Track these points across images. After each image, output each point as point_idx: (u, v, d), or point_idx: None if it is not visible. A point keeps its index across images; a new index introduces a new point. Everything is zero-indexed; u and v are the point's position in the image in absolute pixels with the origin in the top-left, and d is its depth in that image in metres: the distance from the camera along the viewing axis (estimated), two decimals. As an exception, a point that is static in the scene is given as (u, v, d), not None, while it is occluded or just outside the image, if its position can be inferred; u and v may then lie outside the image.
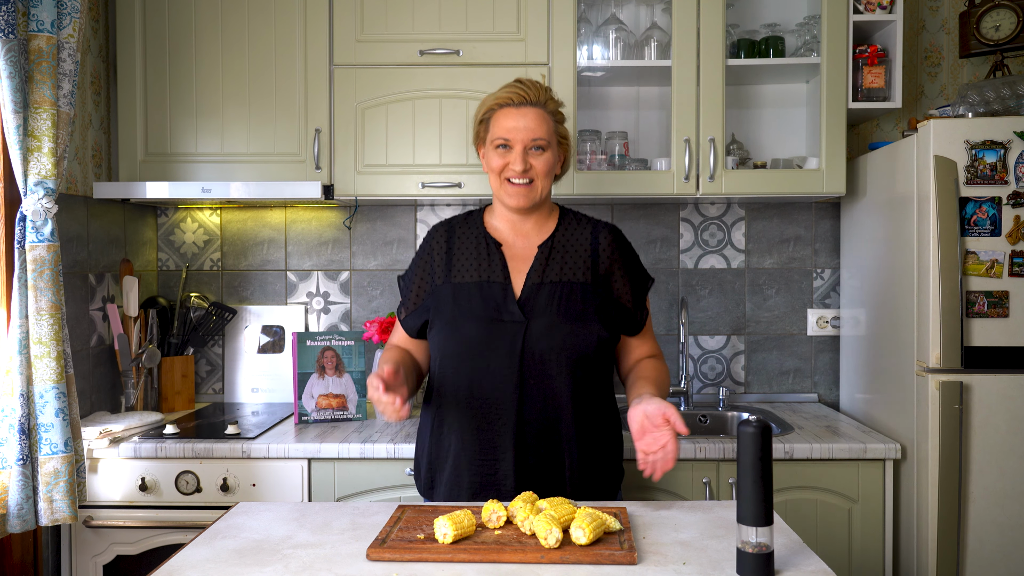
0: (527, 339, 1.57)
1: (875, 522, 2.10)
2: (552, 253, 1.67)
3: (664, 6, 2.53)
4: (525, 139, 1.62)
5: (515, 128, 1.62)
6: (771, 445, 1.16)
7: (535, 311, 1.60)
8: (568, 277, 1.64)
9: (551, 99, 1.68)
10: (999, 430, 1.99)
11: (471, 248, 1.70)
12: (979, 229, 2.00)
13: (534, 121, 1.63)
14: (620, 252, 1.70)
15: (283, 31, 2.39)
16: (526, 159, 1.62)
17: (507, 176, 1.64)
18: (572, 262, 1.66)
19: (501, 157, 1.64)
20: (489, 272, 1.65)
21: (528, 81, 1.68)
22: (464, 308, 1.62)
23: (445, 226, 1.76)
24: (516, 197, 1.64)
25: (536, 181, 1.64)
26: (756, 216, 2.71)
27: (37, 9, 1.89)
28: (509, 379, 1.57)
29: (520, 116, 1.63)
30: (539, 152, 1.64)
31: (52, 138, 1.91)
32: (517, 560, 1.20)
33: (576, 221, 1.73)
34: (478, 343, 1.59)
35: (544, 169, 1.64)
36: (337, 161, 2.38)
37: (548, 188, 1.67)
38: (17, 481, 1.87)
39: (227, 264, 2.75)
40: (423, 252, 1.76)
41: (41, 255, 1.90)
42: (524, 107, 1.64)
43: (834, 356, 2.71)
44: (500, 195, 1.67)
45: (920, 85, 2.67)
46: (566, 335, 1.58)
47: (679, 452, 1.42)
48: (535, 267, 1.65)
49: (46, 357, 1.90)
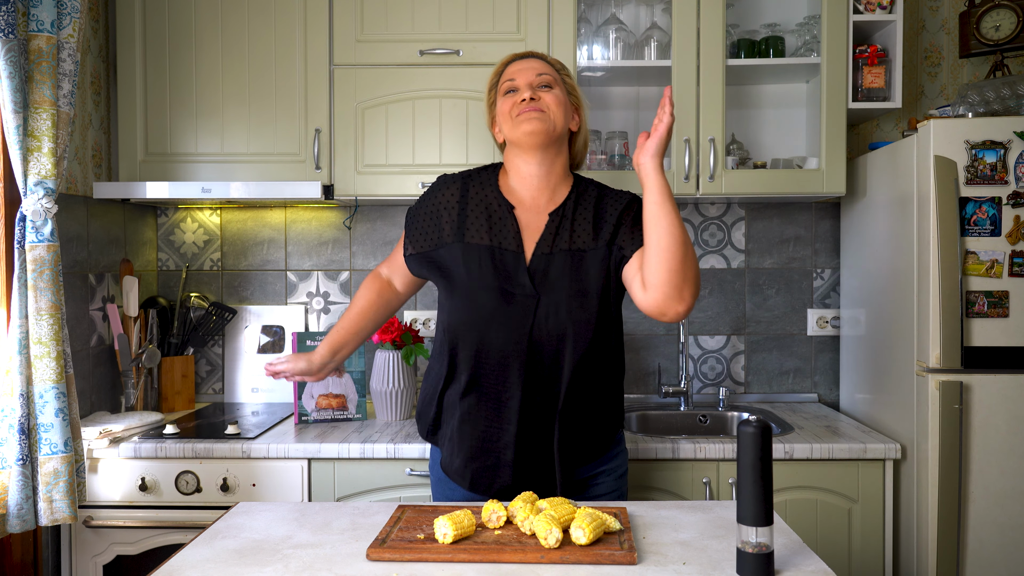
0: (537, 314, 1.58)
1: (875, 522, 2.10)
2: (562, 222, 1.63)
3: (664, 6, 2.53)
4: (530, 76, 1.64)
5: (519, 70, 1.66)
6: (771, 445, 1.16)
7: (545, 285, 1.59)
8: (578, 245, 1.61)
9: (553, 58, 1.74)
10: (999, 430, 1.99)
11: (483, 208, 1.66)
12: (979, 229, 2.00)
13: (538, 63, 1.68)
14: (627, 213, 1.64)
15: (283, 31, 2.39)
16: (535, 92, 1.63)
17: (518, 111, 1.61)
18: (580, 229, 1.63)
19: (510, 99, 1.65)
20: (501, 237, 1.62)
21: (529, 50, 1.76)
22: (475, 276, 1.60)
23: (459, 180, 1.71)
24: (528, 121, 1.59)
25: (548, 112, 1.61)
26: (756, 216, 2.71)
27: (37, 9, 1.89)
28: (517, 353, 1.57)
29: (522, 62, 1.68)
30: (547, 89, 1.64)
31: (52, 138, 1.91)
32: (517, 560, 1.20)
33: (589, 189, 1.69)
34: (489, 314, 1.58)
35: (555, 101, 1.62)
36: (337, 161, 2.38)
37: (563, 124, 1.63)
38: (17, 481, 1.87)
39: (227, 264, 2.75)
40: (432, 199, 1.70)
41: (41, 255, 1.90)
42: (526, 59, 1.70)
43: (834, 356, 2.71)
44: (514, 131, 1.62)
45: (920, 85, 2.67)
46: (576, 310, 1.58)
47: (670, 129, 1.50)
48: (545, 237, 1.62)
49: (46, 357, 1.90)
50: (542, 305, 1.58)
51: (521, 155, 1.65)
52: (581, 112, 1.71)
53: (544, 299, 1.58)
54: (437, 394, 1.68)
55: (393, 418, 2.37)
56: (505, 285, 1.59)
